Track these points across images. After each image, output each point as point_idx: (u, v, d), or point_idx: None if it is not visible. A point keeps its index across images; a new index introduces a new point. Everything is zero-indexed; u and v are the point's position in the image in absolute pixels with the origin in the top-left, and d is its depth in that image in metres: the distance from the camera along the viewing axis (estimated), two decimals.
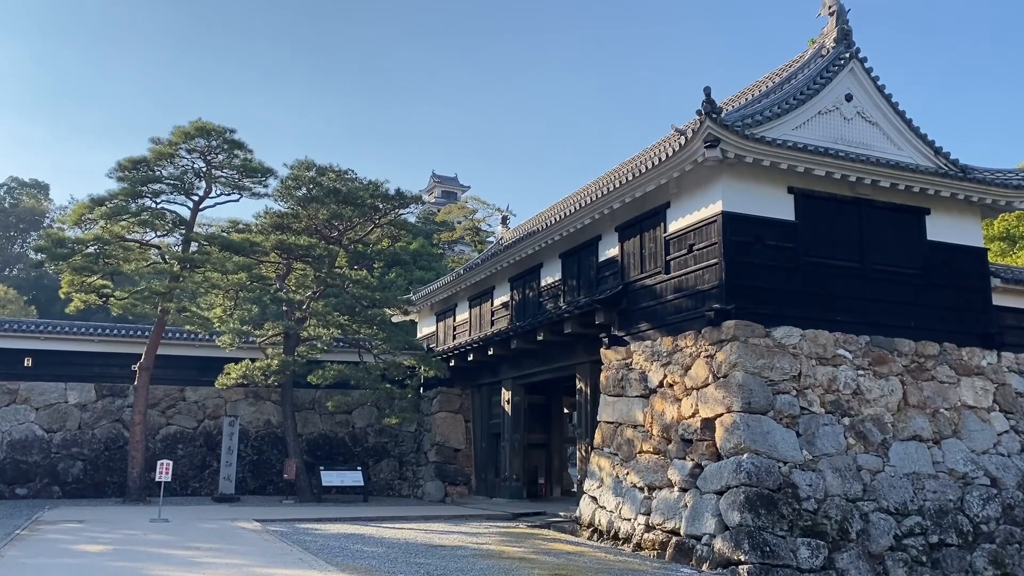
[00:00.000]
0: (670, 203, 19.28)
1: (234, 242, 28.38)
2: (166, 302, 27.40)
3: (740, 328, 16.86)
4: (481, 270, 28.98)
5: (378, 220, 31.04)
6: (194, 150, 27.98)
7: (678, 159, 17.66)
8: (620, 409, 19.94)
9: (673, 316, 18.80)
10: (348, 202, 29.16)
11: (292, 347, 29.62)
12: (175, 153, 27.77)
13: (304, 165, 30.18)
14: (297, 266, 31.39)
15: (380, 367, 29.31)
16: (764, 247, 17.61)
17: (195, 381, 32.11)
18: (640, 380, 19.38)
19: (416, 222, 64.34)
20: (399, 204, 30.37)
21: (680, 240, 18.83)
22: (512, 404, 28.38)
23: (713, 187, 17.80)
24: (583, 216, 21.76)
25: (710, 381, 17.06)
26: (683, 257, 18.70)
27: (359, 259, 31.59)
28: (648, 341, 19.46)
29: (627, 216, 20.75)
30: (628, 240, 20.90)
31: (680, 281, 18.74)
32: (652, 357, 19.16)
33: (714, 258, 17.65)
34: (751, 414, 16.21)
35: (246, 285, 28.37)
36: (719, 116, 16.76)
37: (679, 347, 18.32)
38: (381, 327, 29.83)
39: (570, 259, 23.94)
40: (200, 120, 27.58)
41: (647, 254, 20.04)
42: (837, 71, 19.56)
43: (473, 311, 31.19)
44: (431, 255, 54.38)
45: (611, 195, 20.20)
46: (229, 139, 28.20)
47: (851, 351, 17.94)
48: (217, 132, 27.80)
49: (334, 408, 31.31)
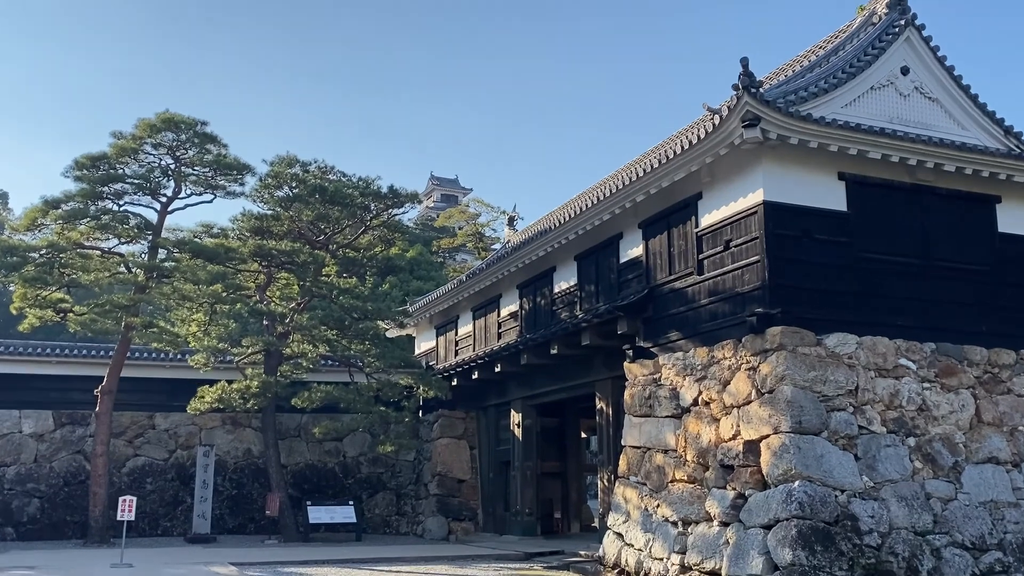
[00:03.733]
0: (702, 194, 19.04)
1: (207, 248, 28.18)
2: (131, 317, 27.18)
3: (787, 335, 16.59)
4: (486, 276, 28.81)
5: (370, 222, 30.92)
6: (161, 145, 27.84)
7: (711, 141, 17.34)
8: (648, 432, 19.73)
9: (708, 323, 18.58)
10: (335, 201, 29.01)
11: (274, 366, 29.38)
12: (140, 149, 27.63)
13: (285, 161, 30.03)
14: (279, 275, 31.28)
15: (373, 388, 29.25)
16: (812, 242, 17.37)
17: (165, 406, 31.96)
18: (671, 398, 19.17)
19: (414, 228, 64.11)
20: (393, 203, 30.20)
21: (715, 236, 18.64)
22: (523, 428, 28.25)
23: (752, 173, 17.54)
24: (602, 211, 21.54)
25: (753, 397, 16.81)
26: (719, 255, 18.49)
27: (349, 266, 31.47)
28: (679, 353, 19.26)
29: (652, 210, 20.55)
30: (654, 237, 20.75)
31: (716, 283, 18.53)
32: (684, 371, 18.94)
33: (755, 255, 17.41)
34: (802, 435, 15.90)
35: (221, 297, 28.04)
36: (759, 91, 16.46)
37: (716, 359, 18.07)
38: (374, 342, 29.77)
39: (587, 261, 23.85)
40: (167, 112, 27.49)
41: (676, 253, 19.88)
42: (891, 40, 19.31)
43: (477, 323, 31.19)
44: (430, 263, 54.17)
45: (634, 186, 19.91)
46: (200, 132, 28.09)
47: (915, 361, 17.63)
48: (187, 125, 27.68)
49: (322, 435, 31.14)
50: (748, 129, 16.37)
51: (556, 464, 30.42)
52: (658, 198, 19.91)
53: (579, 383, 24.37)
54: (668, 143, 24.84)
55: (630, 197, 20.31)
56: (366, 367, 30.08)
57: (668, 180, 18.99)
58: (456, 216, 68.86)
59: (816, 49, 21.86)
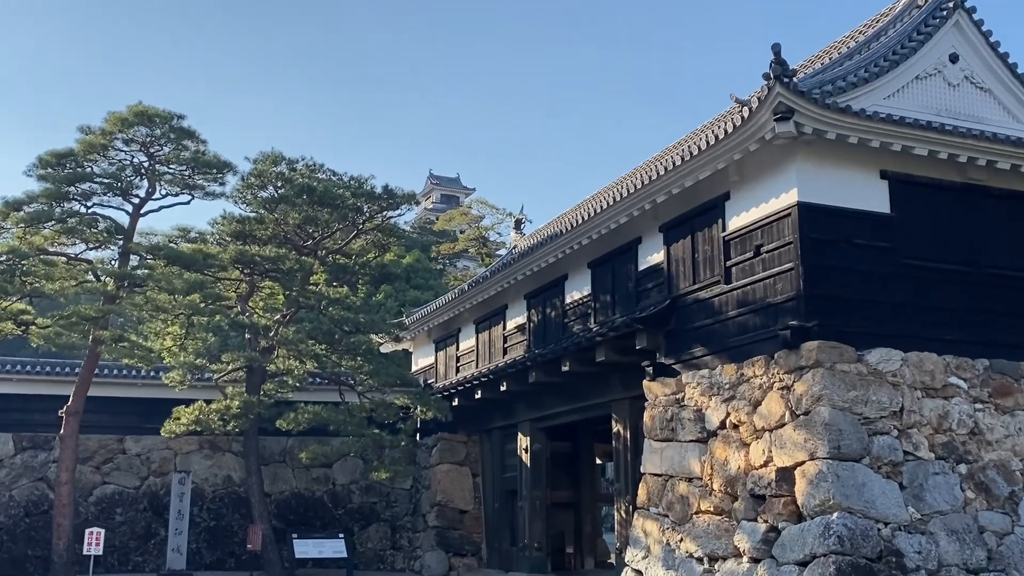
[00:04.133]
0: (730, 194, 19.06)
1: (184, 254, 28.12)
2: (99, 330, 27.07)
3: (824, 351, 16.54)
4: (490, 285, 28.83)
5: (362, 225, 30.91)
6: (133, 141, 27.82)
7: (740, 136, 17.34)
8: (670, 458, 19.68)
9: (737, 337, 18.58)
10: (324, 203, 29.01)
11: (257, 384, 29.35)
12: (110, 145, 27.58)
13: (270, 158, 30.09)
14: (262, 284, 31.25)
15: (366, 408, 29.11)
16: (852, 247, 17.40)
17: (137, 429, 31.87)
18: (695, 420, 19.13)
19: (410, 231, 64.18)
20: (388, 204, 30.18)
21: (744, 240, 18.67)
22: (531, 453, 28.17)
23: (785, 172, 17.55)
24: (618, 213, 21.53)
25: (787, 420, 16.77)
26: (748, 262, 18.50)
27: (339, 274, 31.41)
28: (705, 370, 19.23)
29: (675, 212, 20.56)
30: (676, 242, 20.78)
31: (745, 292, 18.53)
32: (710, 390, 18.89)
33: (788, 262, 17.40)
34: (841, 461, 15.84)
35: (199, 308, 27.96)
36: (792, 81, 16.45)
37: (745, 377, 18.03)
38: (367, 358, 29.66)
39: (602, 268, 23.89)
40: (140, 104, 27.52)
41: (701, 259, 19.90)
42: (938, 25, 19.32)
43: (481, 336, 31.16)
44: (428, 271, 54.24)
45: (654, 185, 19.92)
46: (177, 127, 28.11)
47: (966, 379, 17.60)
48: (162, 118, 27.70)
49: (310, 460, 30.99)
50: (780, 123, 16.34)
51: (568, 493, 30.32)
52: (681, 199, 19.87)
53: (593, 404, 24.35)
54: (692, 138, 24.87)
55: (650, 197, 20.28)
56: (358, 385, 30.02)
57: (692, 179, 18.98)
58: (457, 219, 68.93)
59: (855, 35, 21.88)
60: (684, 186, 19.29)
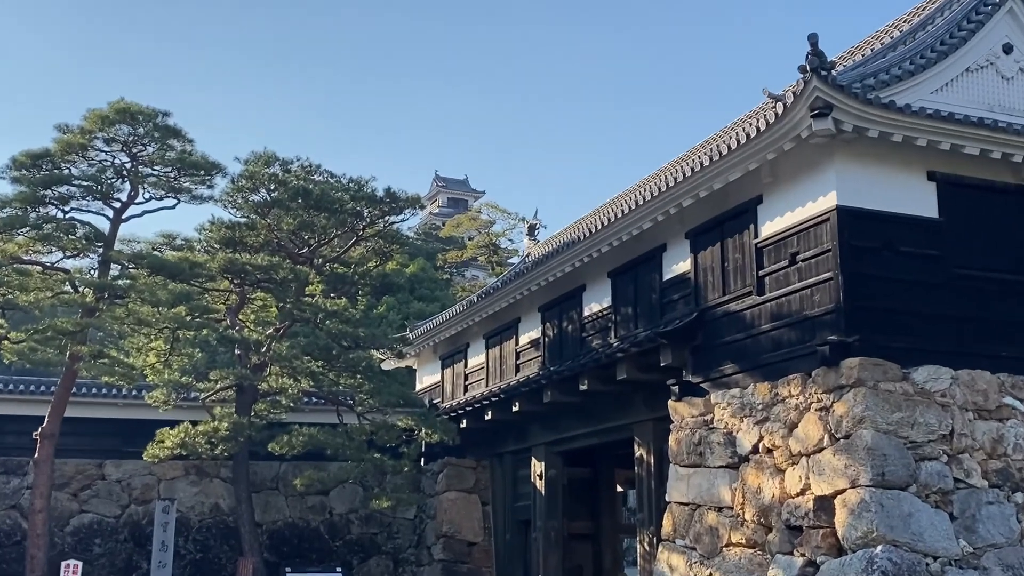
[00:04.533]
0: (763, 197, 19.14)
1: (169, 263, 28.28)
2: (77, 345, 27.21)
3: (866, 368, 16.55)
4: (502, 296, 28.93)
5: (362, 231, 31.01)
6: (115, 140, 27.99)
7: (774, 134, 17.40)
8: (698, 485, 19.68)
9: (771, 353, 18.60)
10: (321, 207, 29.13)
11: (248, 404, 29.48)
12: (89, 145, 27.77)
13: (262, 159, 30.24)
14: (254, 295, 31.33)
15: (366, 431, 29.20)
16: (897, 255, 17.44)
17: (117, 452, 31.96)
18: (725, 444, 19.16)
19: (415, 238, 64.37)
20: (390, 209, 30.31)
21: (778, 248, 18.71)
22: (546, 480, 28.19)
23: (823, 173, 17.63)
24: (641, 218, 21.59)
25: (826, 444, 16.77)
26: (783, 271, 18.53)
27: (337, 284, 31.51)
28: (735, 389, 19.27)
29: (703, 217, 20.60)
30: (704, 250, 20.82)
31: (779, 305, 18.55)
32: (742, 411, 18.93)
33: (827, 271, 17.43)
34: (886, 489, 15.81)
35: (185, 321, 28.14)
36: (831, 74, 16.45)
37: (780, 396, 18.05)
38: (367, 376, 29.69)
39: (624, 278, 23.96)
40: (122, 100, 27.71)
41: (731, 268, 19.92)
42: (991, 12, 19.27)
43: (491, 352, 31.20)
44: (434, 281, 54.45)
45: (680, 187, 19.96)
46: (162, 125, 28.28)
47: (1022, 399, 17.57)
48: (145, 116, 27.87)
49: (305, 487, 31.03)
50: (818, 119, 16.36)
51: (586, 524, 30.26)
52: (709, 202, 19.91)
53: (614, 426, 24.40)
54: (721, 137, 24.76)
55: (676, 201, 20.33)
56: (357, 406, 30.08)
57: (721, 181, 19.02)
58: (465, 224, 69.18)
59: (899, 24, 21.83)
60: (713, 189, 19.30)
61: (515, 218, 64.95)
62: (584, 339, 25.40)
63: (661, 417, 21.58)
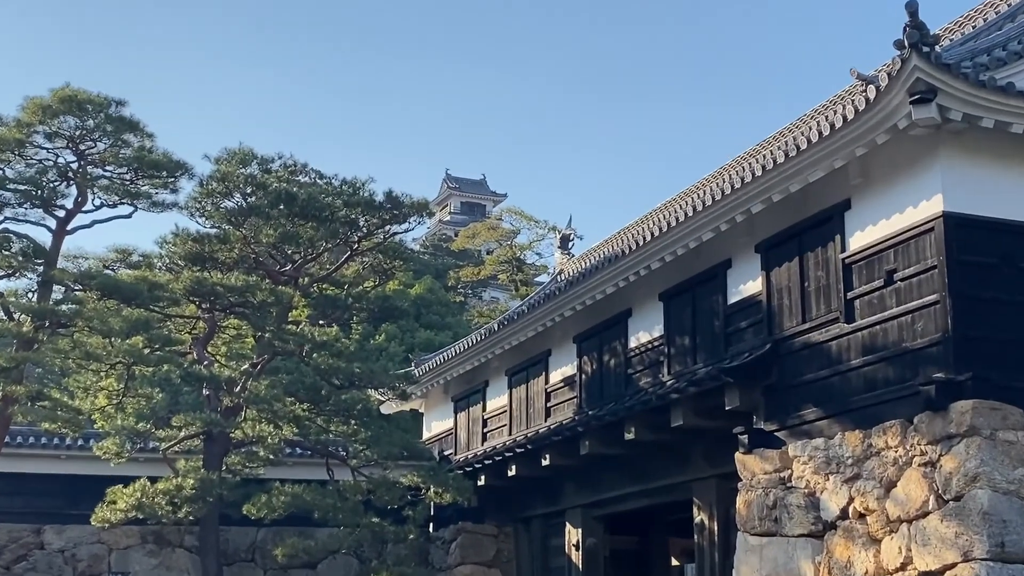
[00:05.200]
0: (851, 201, 19.21)
1: (123, 284, 28.16)
2: (11, 385, 26.97)
3: (981, 413, 16.48)
4: (528, 323, 29.00)
5: (358, 244, 30.91)
6: (58, 135, 27.91)
7: (864, 124, 17.32)
8: (773, 558, 19.63)
9: (862, 395, 18.62)
10: (308, 215, 29.01)
11: (218, 457, 29.28)
12: (27, 140, 27.67)
13: (237, 157, 30.26)
14: (226, 322, 31.34)
15: (362, 489, 29.03)
16: (1019, 273, 17.54)
17: (59, 516, 31.98)
18: (807, 507, 19.13)
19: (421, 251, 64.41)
20: (392, 217, 30.16)
21: (870, 264, 18.76)
22: (584, 551, 28.13)
23: (925, 171, 17.70)
24: (700, 227, 21.60)
25: (932, 507, 16.67)
26: (877, 293, 18.53)
27: (327, 309, 31.40)
28: (819, 439, 19.22)
29: (776, 226, 20.77)
30: (779, 266, 20.94)
31: (872, 334, 18.56)
32: (827, 467, 18.84)
33: (931, 293, 17.48)
34: (1006, 564, 15.68)
35: (142, 355, 27.91)
36: (934, 50, 16.38)
37: (874, 448, 17.96)
38: (363, 422, 29.69)
39: (678, 301, 24.10)
40: (68, 87, 27.68)
41: (812, 289, 20.00)
42: None
43: (515, 393, 31.32)
44: (444, 304, 54.56)
45: (749, 188, 19.93)
46: (115, 117, 28.23)
47: None
48: (96, 105, 27.77)
49: (287, 559, 30.80)
50: (919, 106, 16.32)
51: None
52: (785, 208, 19.99)
53: (668, 484, 24.40)
54: (798, 128, 24.78)
55: (744, 206, 20.32)
56: (352, 458, 30.01)
57: (800, 181, 19.03)
58: (483, 234, 69.25)
59: None
60: (789, 191, 19.31)
61: (544, 227, 65.09)
62: (630, 376, 25.52)
63: (726, 474, 21.61)
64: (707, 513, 22.80)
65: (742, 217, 20.46)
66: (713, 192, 20.90)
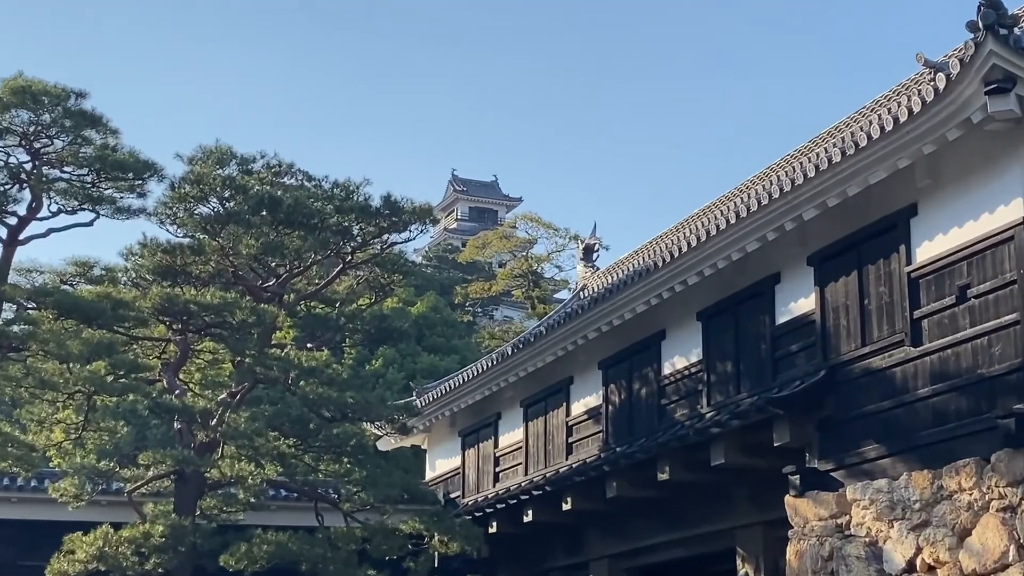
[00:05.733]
0: (917, 206, 19.35)
1: (84, 302, 28.12)
2: None
3: None
4: (547, 346, 29.15)
5: (351, 256, 30.88)
6: (9, 131, 27.76)
7: (933, 117, 17.39)
8: None
9: (931, 430, 18.65)
10: (295, 222, 29.00)
11: (191, 500, 29.25)
12: None
13: (214, 156, 30.13)
14: (200, 345, 31.41)
15: (356, 537, 29.12)
16: None
17: (10, 567, 32.05)
18: (868, 559, 19.07)
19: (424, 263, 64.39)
20: (391, 224, 30.11)
21: (940, 278, 18.84)
22: None
23: (1004, 172, 17.75)
24: (744, 235, 21.75)
25: (1012, 559, 16.63)
26: (948, 312, 18.59)
27: (316, 330, 31.37)
28: (881, 481, 19.24)
29: (832, 234, 20.94)
30: (834, 281, 21.05)
31: (943, 360, 18.61)
32: (891, 512, 18.85)
33: (1010, 312, 17.51)
34: None
35: (105, 383, 27.85)
36: (1013, 34, 16.44)
37: (946, 491, 17.93)
38: (358, 460, 29.86)
39: (719, 322, 24.29)
40: (20, 77, 27.54)
41: (874, 307, 20.06)
42: None
43: (532, 426, 31.50)
44: (450, 324, 54.58)
45: (799, 191, 20.07)
46: (75, 110, 28.17)
47: None
48: (53, 97, 27.67)
49: None
50: (995, 96, 16.36)
51: None
52: (842, 214, 20.07)
53: (708, 532, 24.39)
54: (856, 121, 24.71)
55: (794, 212, 20.44)
56: (344, 502, 29.99)
57: (858, 183, 19.10)
58: (495, 244, 69.24)
59: None
60: (847, 195, 19.38)
61: (564, 236, 65.09)
62: (664, 408, 25.66)
63: (775, 520, 21.61)
64: (752, 565, 22.80)
65: (792, 225, 20.56)
66: (759, 196, 20.92)
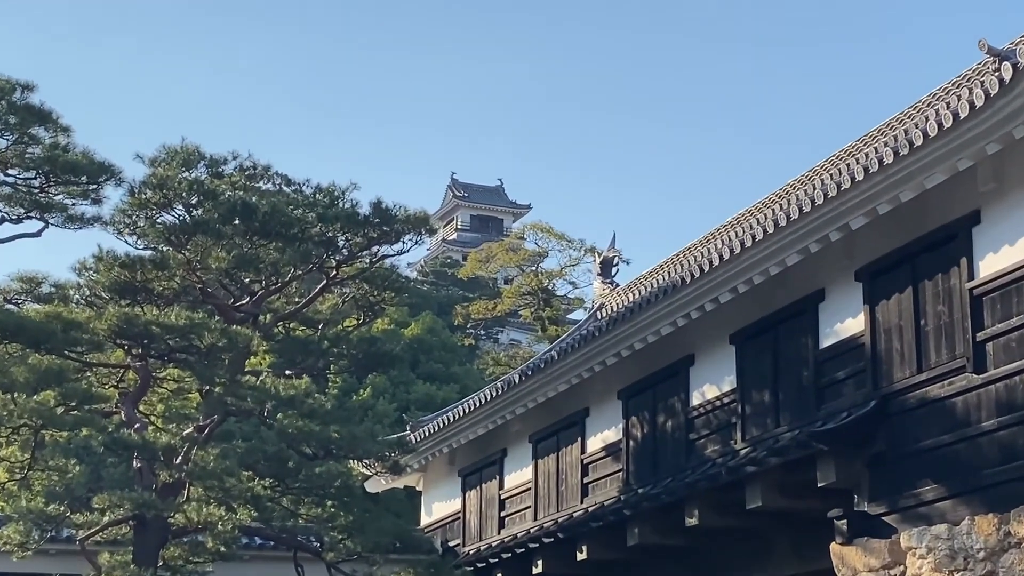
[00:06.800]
0: (980, 214, 19.42)
1: (30, 323, 28.29)
2: None
3: None
4: (560, 373, 29.24)
5: (336, 271, 30.89)
6: None
7: (997, 113, 17.48)
8: None
9: (997, 467, 18.60)
10: (272, 232, 29.04)
11: (153, 549, 29.12)
12: None
13: (179, 157, 30.01)
14: (163, 372, 31.52)
15: None
16: None
17: None
18: None
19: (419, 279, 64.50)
20: (381, 235, 30.15)
21: (1007, 296, 18.88)
22: None
23: None
24: (785, 246, 21.82)
25: None
26: (1016, 333, 18.57)
27: (296, 356, 31.45)
28: (940, 526, 19.27)
29: (882, 247, 21.07)
30: (886, 299, 21.13)
31: (1010, 388, 18.60)
32: (952, 561, 18.89)
33: None
34: None
35: (55, 416, 28.02)
36: None
37: (1014, 537, 17.94)
38: (343, 503, 29.83)
39: (755, 345, 24.50)
40: None
41: (931, 329, 20.16)
42: None
43: (542, 464, 31.59)
44: (449, 348, 54.61)
45: (847, 196, 20.10)
46: (21, 105, 28.24)
47: None
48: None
49: None
50: None
51: None
52: (895, 223, 20.23)
53: None
54: (911, 117, 24.78)
55: (840, 220, 20.53)
56: (327, 551, 29.80)
57: (913, 188, 19.20)
58: (500, 257, 69.26)
59: None
60: (900, 200, 19.51)
61: (579, 248, 65.10)
62: (692, 443, 25.80)
63: (818, 571, 21.69)
64: None
65: (838, 235, 20.65)
66: (801, 202, 20.95)
